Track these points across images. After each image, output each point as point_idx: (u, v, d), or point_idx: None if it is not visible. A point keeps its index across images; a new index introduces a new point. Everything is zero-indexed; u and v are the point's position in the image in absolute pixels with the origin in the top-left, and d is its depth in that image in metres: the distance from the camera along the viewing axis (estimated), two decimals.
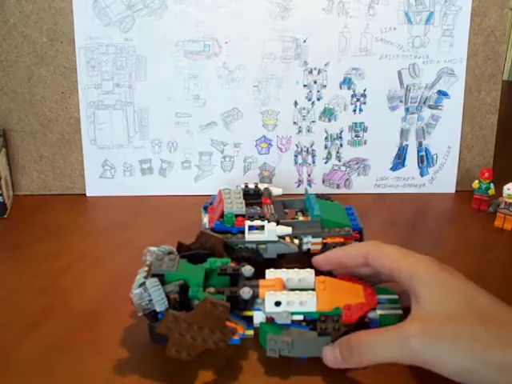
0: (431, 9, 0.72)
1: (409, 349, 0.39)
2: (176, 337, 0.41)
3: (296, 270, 0.46)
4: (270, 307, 0.44)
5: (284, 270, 0.47)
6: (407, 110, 0.75)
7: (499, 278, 0.58)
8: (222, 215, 0.56)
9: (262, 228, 0.54)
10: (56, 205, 0.73)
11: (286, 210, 0.60)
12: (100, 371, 0.45)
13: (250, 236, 0.54)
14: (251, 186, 0.61)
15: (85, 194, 0.75)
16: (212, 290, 0.44)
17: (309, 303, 0.44)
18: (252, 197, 0.60)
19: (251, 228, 0.54)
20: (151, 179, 0.76)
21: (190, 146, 0.75)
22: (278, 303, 0.44)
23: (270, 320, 0.45)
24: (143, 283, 0.44)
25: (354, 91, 0.74)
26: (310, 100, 0.74)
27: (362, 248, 0.47)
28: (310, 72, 0.73)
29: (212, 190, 0.71)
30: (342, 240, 0.54)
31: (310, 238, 0.54)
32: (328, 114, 0.75)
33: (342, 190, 0.77)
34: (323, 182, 0.77)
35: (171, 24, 0.71)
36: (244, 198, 0.58)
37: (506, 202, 0.67)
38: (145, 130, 0.74)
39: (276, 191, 0.61)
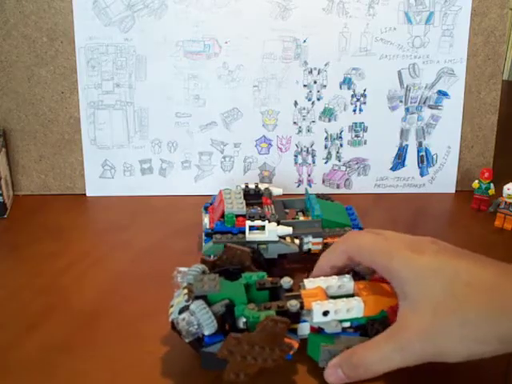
0: (431, 9, 0.72)
1: (410, 355, 0.39)
2: (238, 360, 0.40)
3: (334, 276, 0.46)
4: (318, 317, 0.43)
5: (322, 277, 0.46)
6: (407, 110, 0.75)
7: None
8: (222, 215, 0.56)
9: (262, 228, 0.54)
10: (56, 205, 0.73)
11: (287, 210, 0.60)
12: (100, 371, 0.45)
13: (251, 236, 0.54)
14: (251, 186, 0.61)
15: (85, 194, 0.75)
16: (253, 306, 0.43)
17: (356, 309, 0.43)
18: (252, 197, 0.60)
19: (252, 228, 0.54)
20: (151, 179, 0.76)
21: (189, 146, 0.75)
22: (325, 313, 0.43)
23: (314, 330, 0.44)
24: (186, 307, 0.42)
25: (354, 91, 0.74)
26: (310, 100, 0.74)
27: (341, 248, 0.46)
28: (310, 72, 0.73)
29: (212, 190, 0.71)
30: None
31: (310, 238, 0.54)
32: (328, 114, 0.75)
33: (342, 190, 0.77)
34: (323, 181, 0.77)
35: (171, 24, 0.71)
36: (244, 198, 0.58)
37: (506, 202, 0.67)
38: (145, 130, 0.74)
39: (276, 191, 0.61)
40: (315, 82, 0.74)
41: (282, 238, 0.55)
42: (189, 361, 0.46)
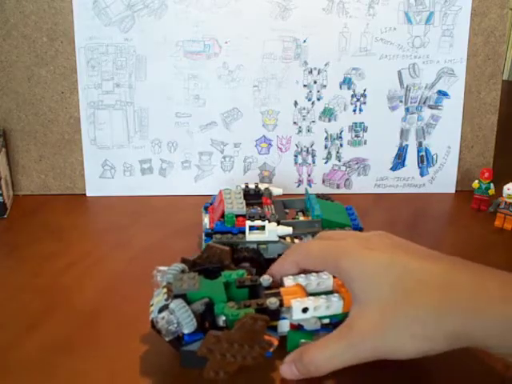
0: (431, 9, 0.72)
1: (360, 353, 0.39)
2: (217, 357, 0.40)
3: (313, 274, 0.46)
4: (297, 314, 0.43)
5: (302, 275, 0.46)
6: (407, 110, 0.75)
7: None
8: (222, 215, 0.56)
9: (262, 228, 0.54)
10: (56, 205, 0.73)
11: (287, 210, 0.60)
12: (100, 371, 0.45)
13: (251, 236, 0.54)
14: (251, 186, 0.61)
15: (85, 194, 0.75)
16: (233, 304, 0.43)
17: (335, 306, 0.43)
18: (252, 197, 0.60)
19: (252, 228, 0.54)
20: (151, 179, 0.76)
21: (189, 145, 0.75)
22: (305, 310, 0.43)
23: (294, 327, 0.44)
24: (165, 306, 0.42)
25: (354, 91, 0.74)
26: (310, 100, 0.74)
27: (290, 258, 0.46)
28: (310, 72, 0.73)
29: (212, 190, 0.71)
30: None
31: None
32: (328, 114, 0.75)
33: (342, 190, 0.77)
34: (323, 181, 0.77)
35: (171, 24, 0.71)
36: (244, 198, 0.58)
37: (506, 202, 0.67)
38: (145, 130, 0.74)
39: (276, 191, 0.61)
40: (315, 82, 0.74)
41: (282, 238, 0.55)
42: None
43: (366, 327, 0.39)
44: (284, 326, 0.44)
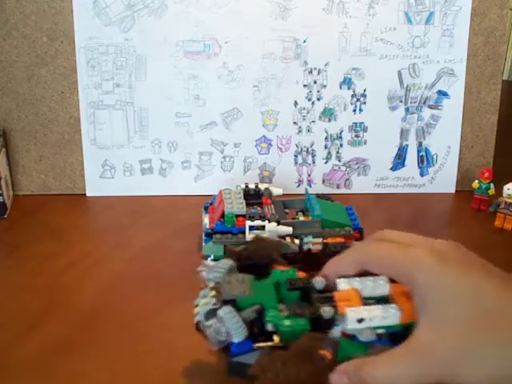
0: (431, 9, 0.72)
1: (427, 375, 0.36)
2: (270, 376, 0.38)
3: (369, 278, 0.42)
4: (352, 324, 0.40)
5: (356, 278, 0.43)
6: (407, 109, 0.75)
7: None
8: (222, 215, 0.56)
9: (262, 228, 0.54)
10: (56, 205, 0.73)
11: (287, 210, 0.60)
12: (100, 371, 0.45)
13: (251, 236, 0.54)
14: (251, 186, 0.61)
15: (85, 194, 0.75)
16: (283, 307, 0.41)
17: (392, 317, 0.40)
18: (252, 197, 0.60)
19: (252, 228, 0.54)
20: (151, 179, 0.76)
21: (189, 145, 0.75)
22: (360, 320, 0.40)
23: (346, 335, 0.41)
24: (213, 311, 0.40)
25: (354, 91, 0.74)
26: (310, 100, 0.74)
27: (351, 259, 0.43)
28: (310, 72, 0.73)
29: (212, 190, 0.71)
30: (342, 240, 0.53)
31: (310, 238, 0.54)
32: (328, 114, 0.75)
33: (342, 190, 0.77)
34: (323, 181, 0.77)
35: (171, 24, 0.71)
36: (244, 198, 0.58)
37: (506, 202, 0.67)
38: (145, 130, 0.74)
39: (276, 191, 0.61)
40: (315, 82, 0.74)
41: (282, 237, 0.55)
42: (189, 360, 0.46)
43: (443, 351, 0.36)
44: (336, 332, 0.41)
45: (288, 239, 0.55)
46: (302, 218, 0.58)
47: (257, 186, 0.60)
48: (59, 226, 0.67)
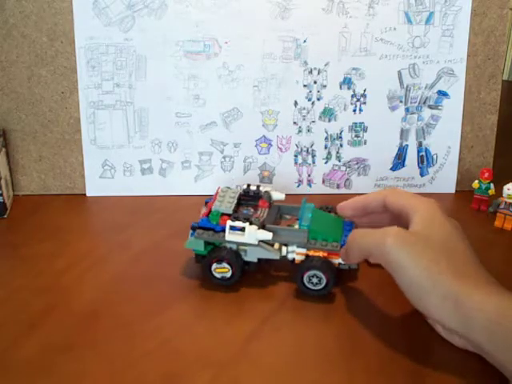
0: (431, 9, 0.72)
1: (383, 246, 0.45)
2: None
3: None
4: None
5: None
6: (407, 109, 0.75)
7: (499, 278, 0.58)
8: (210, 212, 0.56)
9: (243, 230, 0.53)
10: (56, 205, 0.73)
11: (288, 216, 0.60)
12: (100, 371, 0.45)
13: (230, 236, 0.53)
14: (253, 187, 0.61)
15: (85, 194, 0.75)
16: None
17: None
18: (251, 198, 0.60)
19: (234, 228, 0.53)
20: (151, 179, 0.76)
21: (190, 145, 0.75)
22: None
23: None
24: None
25: (354, 91, 0.74)
26: (310, 100, 0.74)
27: (382, 191, 0.54)
28: (310, 72, 0.73)
29: (212, 190, 0.71)
30: (325, 254, 0.53)
31: (295, 248, 0.54)
32: (328, 114, 0.75)
33: (342, 190, 0.77)
34: (323, 182, 0.77)
35: (171, 24, 0.71)
36: (243, 199, 0.58)
37: (505, 202, 0.67)
38: (145, 129, 0.74)
39: (276, 196, 0.60)
40: (315, 82, 0.74)
41: (270, 244, 0.54)
42: (189, 360, 0.46)
43: (396, 233, 0.46)
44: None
45: (276, 245, 0.55)
46: (296, 226, 0.57)
47: (257, 188, 0.60)
48: (59, 226, 0.67)
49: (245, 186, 0.61)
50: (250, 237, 0.53)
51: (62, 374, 0.44)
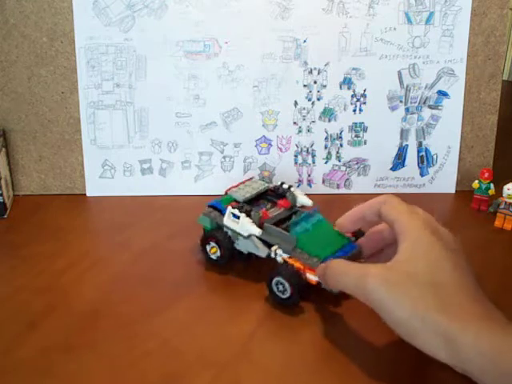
0: (431, 9, 0.72)
1: (363, 285, 0.42)
2: None
3: None
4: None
5: None
6: (407, 110, 0.75)
7: (499, 278, 0.58)
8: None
9: (238, 219, 0.55)
10: (56, 205, 0.73)
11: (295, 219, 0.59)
12: (100, 371, 0.45)
13: (228, 221, 0.56)
14: (285, 186, 0.60)
15: (85, 194, 0.75)
16: None
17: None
18: (276, 195, 0.60)
19: (234, 215, 0.55)
20: (151, 179, 0.76)
21: (189, 145, 0.75)
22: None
23: None
24: None
25: (354, 91, 0.74)
26: (310, 100, 0.74)
27: (375, 201, 0.50)
28: (310, 72, 0.73)
29: (212, 190, 0.71)
30: (301, 266, 0.51)
31: (281, 252, 0.53)
32: (328, 114, 0.75)
33: (342, 190, 0.77)
34: (323, 182, 0.77)
35: (171, 24, 0.71)
36: (269, 194, 0.60)
37: (505, 202, 0.67)
38: (145, 129, 0.74)
39: (303, 200, 0.59)
40: (315, 82, 0.74)
41: (268, 245, 0.54)
42: (189, 360, 0.46)
43: (378, 271, 0.43)
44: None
45: (275, 248, 0.54)
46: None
47: (289, 188, 0.60)
48: (59, 226, 0.67)
49: (279, 183, 0.61)
50: (242, 227, 0.54)
51: (62, 374, 0.44)
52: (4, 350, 0.47)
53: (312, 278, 0.50)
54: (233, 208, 0.55)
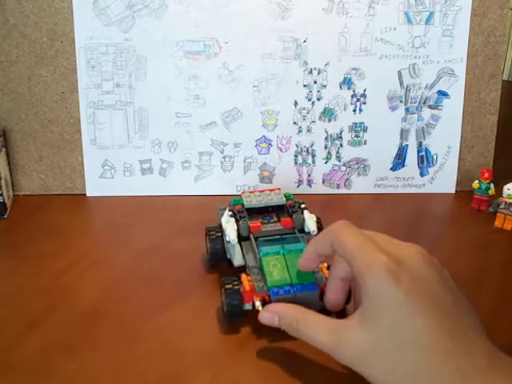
0: (431, 9, 0.72)
1: (331, 352, 0.40)
2: None
3: None
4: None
5: None
6: (407, 110, 0.75)
7: (499, 278, 0.58)
8: None
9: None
10: (56, 205, 0.73)
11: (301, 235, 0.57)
12: (100, 371, 0.45)
13: (222, 219, 0.56)
14: (303, 205, 0.58)
15: (85, 194, 0.75)
16: None
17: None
18: (287, 212, 0.57)
19: (230, 216, 0.56)
20: (151, 179, 0.76)
21: (189, 145, 0.75)
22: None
23: None
24: None
25: (354, 91, 0.74)
26: (310, 100, 0.74)
27: (328, 241, 0.44)
28: (310, 72, 0.73)
29: (212, 190, 0.71)
30: (247, 288, 0.48)
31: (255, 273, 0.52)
32: (328, 114, 0.75)
33: (342, 190, 0.77)
34: (323, 182, 0.77)
35: (171, 24, 0.71)
36: (283, 209, 0.57)
37: (505, 202, 0.67)
38: (145, 129, 0.74)
39: (308, 226, 0.55)
40: (315, 82, 0.74)
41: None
42: (189, 360, 0.46)
43: (361, 346, 0.39)
44: None
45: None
46: None
47: (302, 210, 0.57)
48: (59, 226, 0.67)
49: (300, 200, 0.58)
50: (227, 229, 0.54)
51: (62, 374, 0.44)
52: (4, 349, 0.47)
53: (257, 304, 0.48)
54: (229, 211, 0.56)
